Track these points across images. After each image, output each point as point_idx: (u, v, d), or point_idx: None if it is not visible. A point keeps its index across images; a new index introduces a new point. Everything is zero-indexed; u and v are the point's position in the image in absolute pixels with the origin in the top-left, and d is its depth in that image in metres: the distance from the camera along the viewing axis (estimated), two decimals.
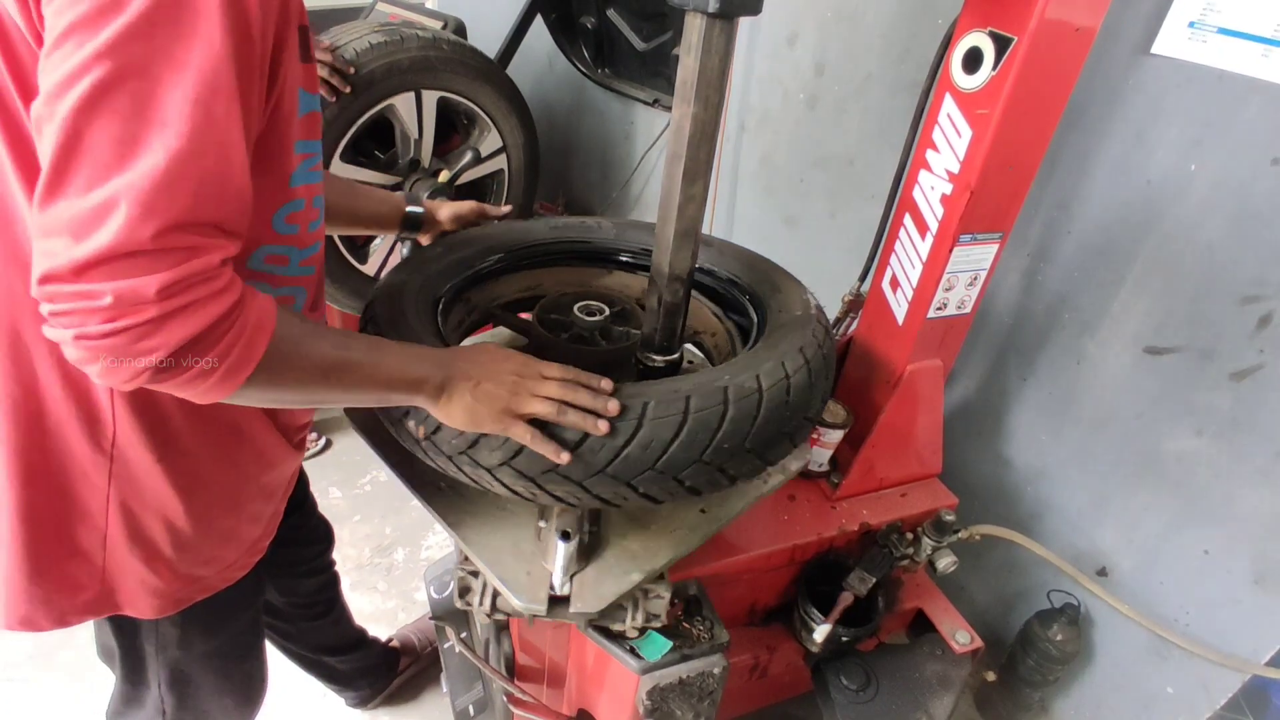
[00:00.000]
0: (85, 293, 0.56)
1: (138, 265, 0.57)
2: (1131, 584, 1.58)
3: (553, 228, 1.32)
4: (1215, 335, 1.36)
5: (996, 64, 1.13)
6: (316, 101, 0.80)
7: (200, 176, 0.59)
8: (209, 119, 0.58)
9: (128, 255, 0.57)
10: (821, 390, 0.96)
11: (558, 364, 0.86)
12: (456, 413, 0.81)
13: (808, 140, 2.08)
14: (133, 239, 0.56)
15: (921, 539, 1.43)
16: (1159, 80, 1.34)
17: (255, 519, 1.02)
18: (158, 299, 0.58)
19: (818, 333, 1.00)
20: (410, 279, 1.09)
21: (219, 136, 0.60)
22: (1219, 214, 1.31)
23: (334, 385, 0.74)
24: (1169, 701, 1.56)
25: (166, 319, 0.59)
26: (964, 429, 1.84)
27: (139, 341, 0.58)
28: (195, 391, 0.65)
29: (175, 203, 0.58)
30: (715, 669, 1.11)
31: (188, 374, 0.62)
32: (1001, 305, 1.69)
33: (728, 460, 0.85)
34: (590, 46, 2.68)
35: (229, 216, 0.63)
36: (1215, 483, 1.41)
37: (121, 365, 0.60)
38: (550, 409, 0.81)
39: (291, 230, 0.82)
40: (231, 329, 0.63)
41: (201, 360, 0.62)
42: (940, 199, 1.26)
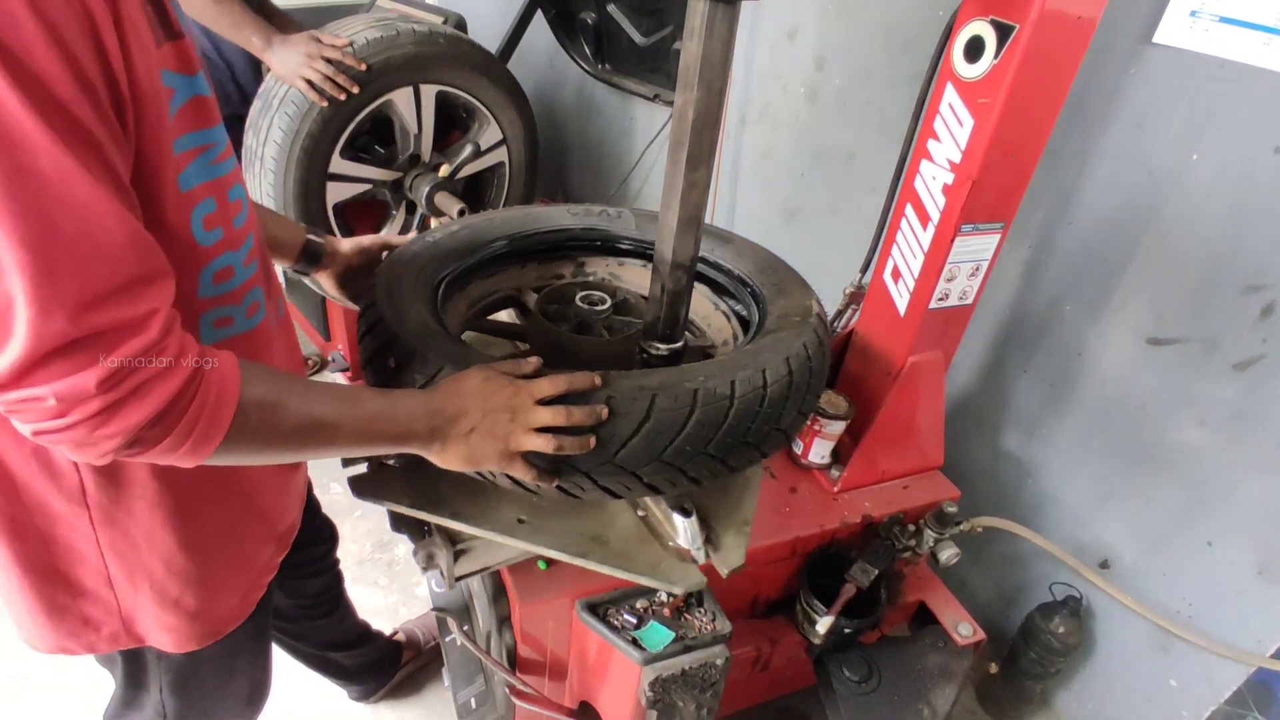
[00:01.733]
0: (28, 398, 0.55)
1: (71, 361, 0.55)
2: (1134, 576, 1.58)
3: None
4: (1218, 325, 1.35)
5: (998, 53, 1.12)
6: (199, 83, 0.70)
7: (70, 249, 0.53)
8: (40, 186, 0.51)
9: (55, 352, 0.54)
10: (797, 403, 0.95)
11: (548, 379, 0.83)
12: (453, 458, 0.81)
13: (808, 133, 2.08)
14: (45, 338, 0.53)
15: (923, 531, 1.43)
16: (1160, 69, 1.34)
17: (262, 541, 0.98)
18: (100, 392, 0.56)
19: (809, 342, 0.99)
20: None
21: (61, 196, 0.52)
22: (1221, 203, 1.31)
23: (313, 445, 0.72)
24: (1172, 694, 1.55)
25: (117, 407, 0.58)
26: (966, 421, 1.84)
27: (95, 431, 0.58)
28: (169, 460, 0.64)
29: (63, 287, 0.53)
30: (718, 660, 1.11)
31: (156, 449, 0.62)
32: (1003, 297, 1.69)
33: (688, 462, 0.87)
34: (590, 42, 2.67)
35: (134, 270, 0.58)
36: (1218, 474, 1.41)
37: (86, 450, 0.60)
38: (548, 445, 0.81)
39: (215, 236, 0.74)
40: (192, 403, 0.61)
41: (166, 438, 0.61)
42: (942, 189, 1.26)
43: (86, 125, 0.54)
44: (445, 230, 1.22)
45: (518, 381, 0.82)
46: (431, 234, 1.21)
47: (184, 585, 0.87)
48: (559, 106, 3.10)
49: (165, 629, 0.89)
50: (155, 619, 0.88)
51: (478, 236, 1.23)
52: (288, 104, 1.80)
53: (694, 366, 0.90)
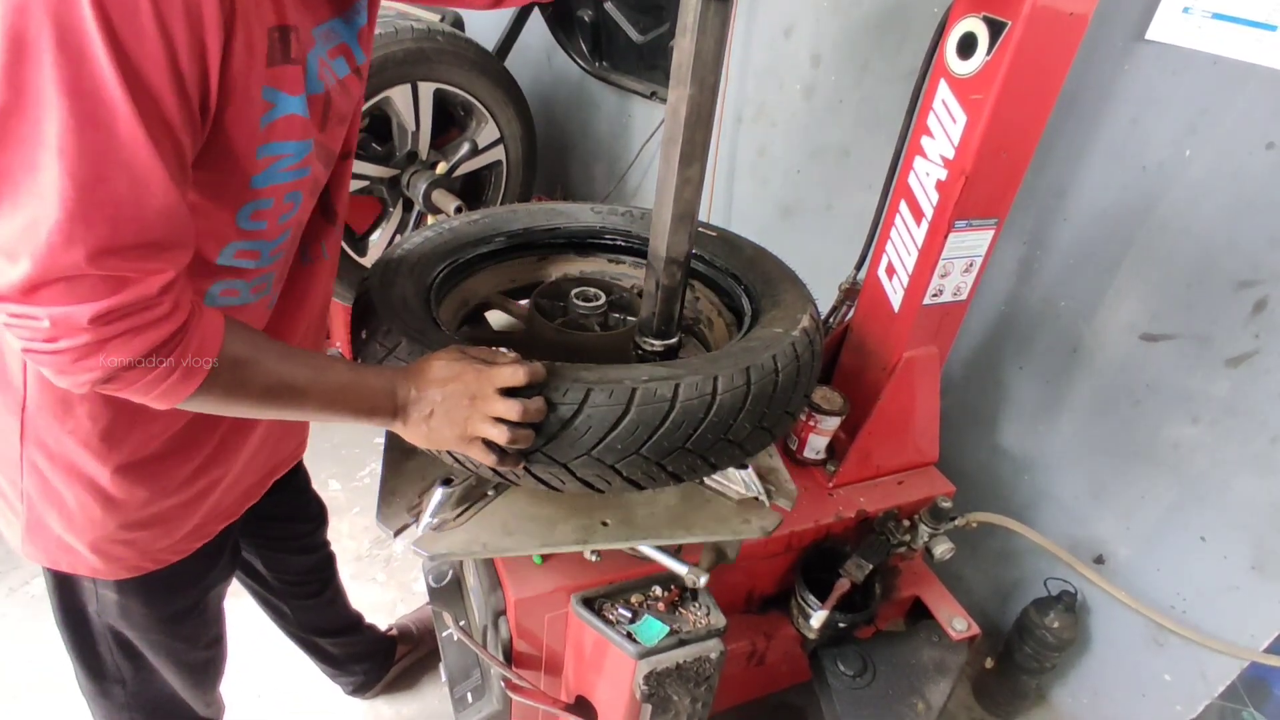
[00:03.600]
0: (27, 314, 0.61)
1: (74, 291, 0.60)
2: (1128, 571, 1.58)
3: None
4: (1211, 321, 1.36)
5: (990, 49, 1.13)
6: (298, 104, 0.77)
7: (114, 200, 0.60)
8: (109, 143, 0.58)
9: (62, 280, 0.60)
10: (753, 417, 0.92)
11: (509, 368, 0.83)
12: (415, 436, 0.85)
13: (804, 131, 2.08)
14: (59, 265, 0.59)
15: (918, 526, 1.44)
16: (1154, 66, 1.34)
17: (191, 505, 1.00)
18: (90, 326, 0.61)
19: (782, 354, 0.96)
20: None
21: (124, 158, 0.59)
22: (1214, 199, 1.31)
23: (280, 405, 0.77)
24: (1166, 689, 1.56)
25: (102, 344, 0.63)
26: (960, 417, 1.84)
27: (77, 361, 0.63)
28: (140, 400, 0.69)
29: (93, 229, 0.59)
30: (712, 654, 1.11)
31: (130, 389, 0.67)
32: (998, 293, 1.70)
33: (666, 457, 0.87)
34: (587, 40, 2.67)
35: (160, 235, 0.64)
36: (1212, 469, 1.41)
37: (64, 376, 0.65)
38: (503, 435, 0.82)
39: (258, 226, 0.81)
40: (171, 354, 0.67)
41: (140, 382, 0.67)
42: (935, 185, 1.26)
43: (167, 109, 0.61)
44: (465, 218, 1.28)
45: (482, 368, 0.83)
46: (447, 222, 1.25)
47: (91, 520, 0.92)
48: (557, 104, 3.10)
49: (64, 550, 0.95)
50: (57, 541, 0.93)
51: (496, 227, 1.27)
52: None
53: (641, 367, 0.89)
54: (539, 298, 1.17)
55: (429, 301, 1.09)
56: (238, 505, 1.10)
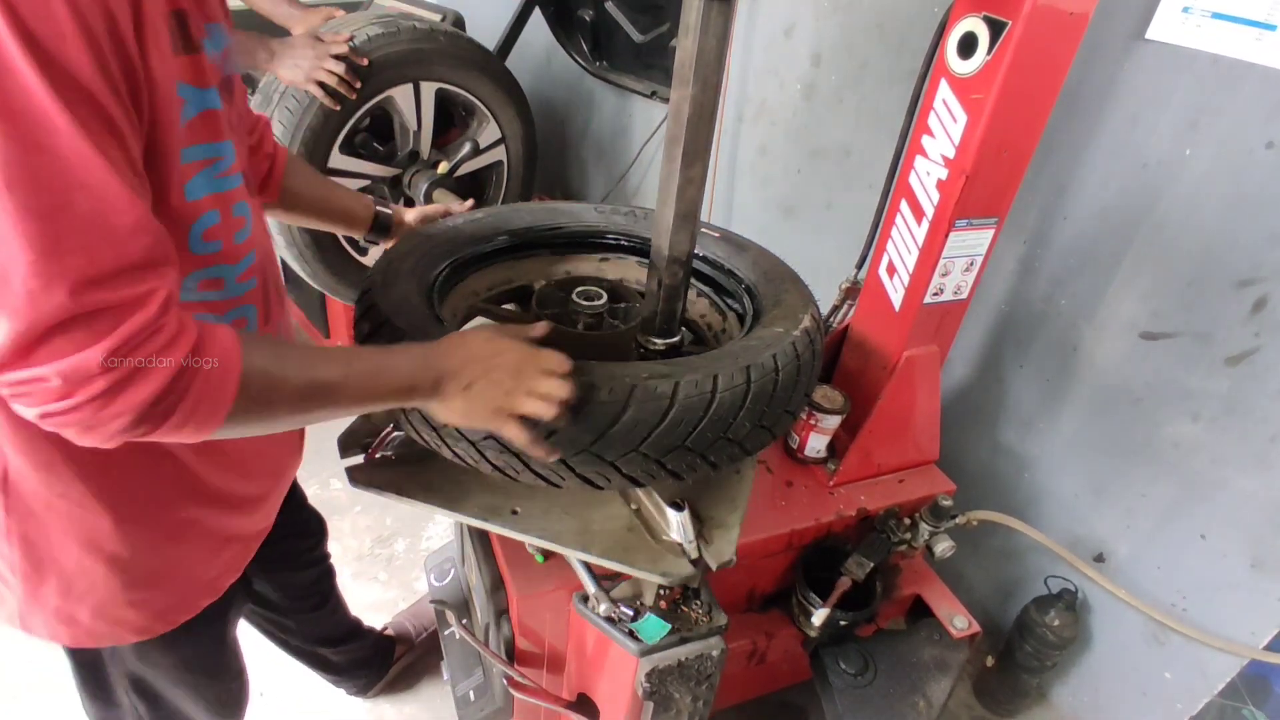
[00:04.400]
0: (32, 378, 0.55)
1: (73, 339, 0.55)
2: (1129, 569, 1.59)
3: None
4: (1211, 319, 1.36)
5: (991, 48, 1.13)
6: (212, 97, 0.71)
7: (80, 227, 0.54)
8: (57, 165, 0.53)
9: (56, 329, 0.54)
10: (753, 415, 0.92)
11: (558, 355, 0.82)
12: (450, 411, 0.80)
13: (805, 130, 2.08)
14: (46, 313, 0.53)
15: (919, 524, 1.44)
16: (1154, 65, 1.35)
17: (213, 548, 0.94)
18: (103, 370, 0.56)
19: (783, 354, 0.97)
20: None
21: (78, 178, 0.54)
22: (1214, 198, 1.32)
23: (318, 407, 0.72)
24: (1167, 686, 1.56)
25: (121, 386, 0.57)
26: (961, 415, 1.85)
27: (100, 412, 0.58)
28: (178, 438, 0.64)
29: (68, 263, 0.54)
30: (714, 651, 1.11)
31: (164, 427, 0.61)
32: (998, 291, 1.70)
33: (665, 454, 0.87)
34: (588, 39, 2.68)
35: (139, 254, 0.58)
36: (1212, 467, 1.41)
37: (93, 433, 0.59)
38: (547, 411, 0.80)
39: (212, 248, 0.75)
40: (195, 380, 0.61)
41: (172, 415, 0.61)
42: (936, 184, 1.27)
43: (108, 112, 0.56)
44: (468, 217, 1.28)
45: (525, 346, 0.82)
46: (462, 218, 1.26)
47: (90, 589, 0.84)
48: (557, 103, 3.10)
49: (66, 622, 0.87)
50: (56, 612, 0.85)
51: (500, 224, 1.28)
52: (288, 99, 1.80)
53: (641, 364, 0.89)
54: (541, 297, 1.17)
55: (431, 300, 1.09)
56: (245, 552, 1.03)
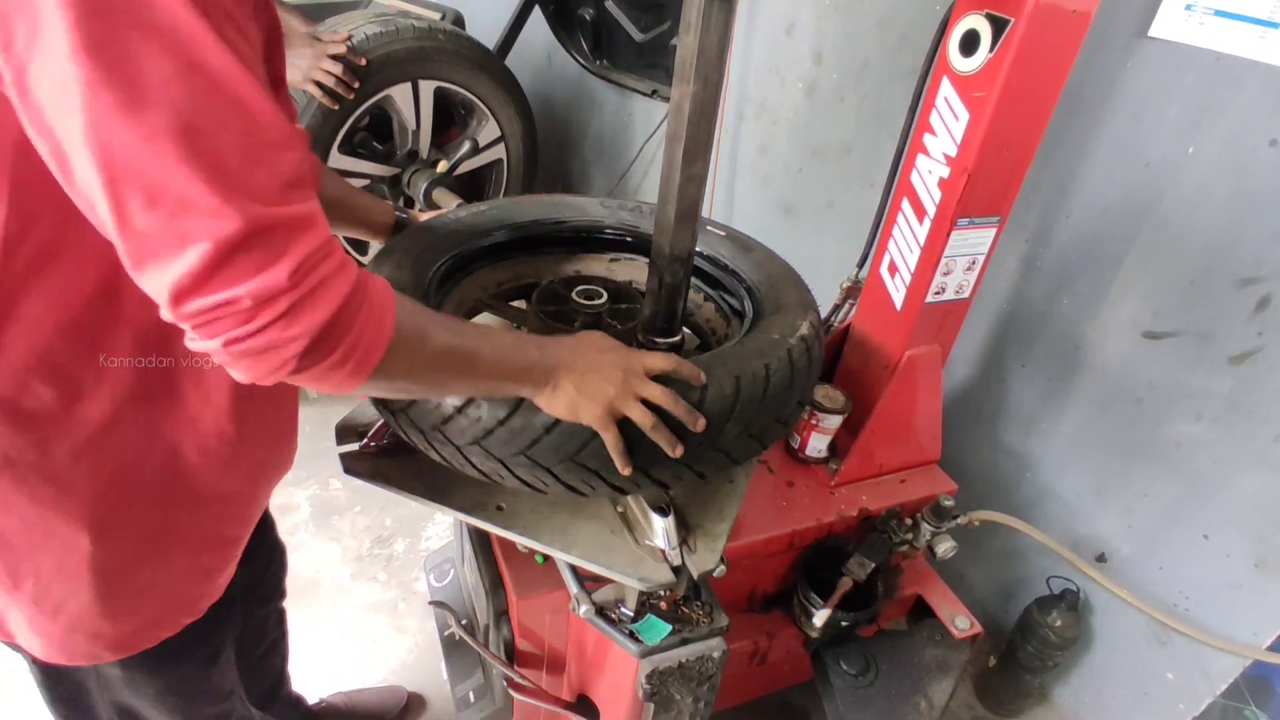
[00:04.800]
0: (223, 301, 0.54)
1: (256, 257, 0.54)
2: (1131, 569, 1.58)
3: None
4: (1213, 318, 1.36)
5: (993, 46, 1.12)
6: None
7: (240, 144, 0.54)
8: (211, 83, 0.52)
9: (239, 248, 0.53)
10: (740, 424, 0.91)
11: (661, 356, 0.83)
12: (559, 403, 0.80)
13: (806, 129, 2.08)
14: (228, 232, 0.52)
15: (920, 525, 1.43)
16: (1156, 63, 1.34)
17: (173, 576, 0.86)
18: (290, 286, 0.55)
19: (775, 362, 0.96)
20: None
21: (232, 93, 0.53)
22: (1217, 196, 1.31)
23: (453, 372, 0.72)
24: (1169, 687, 1.56)
25: (302, 305, 0.56)
26: (963, 415, 1.84)
27: (284, 333, 0.56)
28: (329, 381, 0.62)
29: (237, 179, 0.53)
30: (715, 653, 1.11)
31: (325, 362, 0.60)
32: (1000, 290, 1.69)
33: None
34: (588, 38, 2.67)
35: (294, 166, 0.57)
36: (1214, 467, 1.41)
37: (266, 358, 0.58)
38: (647, 419, 0.81)
39: None
40: (360, 311, 0.61)
41: (338, 348, 0.60)
42: (938, 183, 1.26)
43: (246, 31, 0.56)
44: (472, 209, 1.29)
45: (632, 350, 0.84)
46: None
47: (65, 597, 0.78)
48: (558, 102, 3.10)
49: (38, 634, 0.81)
50: (28, 620, 0.79)
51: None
52: None
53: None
54: (541, 294, 1.17)
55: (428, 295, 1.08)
56: (224, 563, 0.95)
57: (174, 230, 0.52)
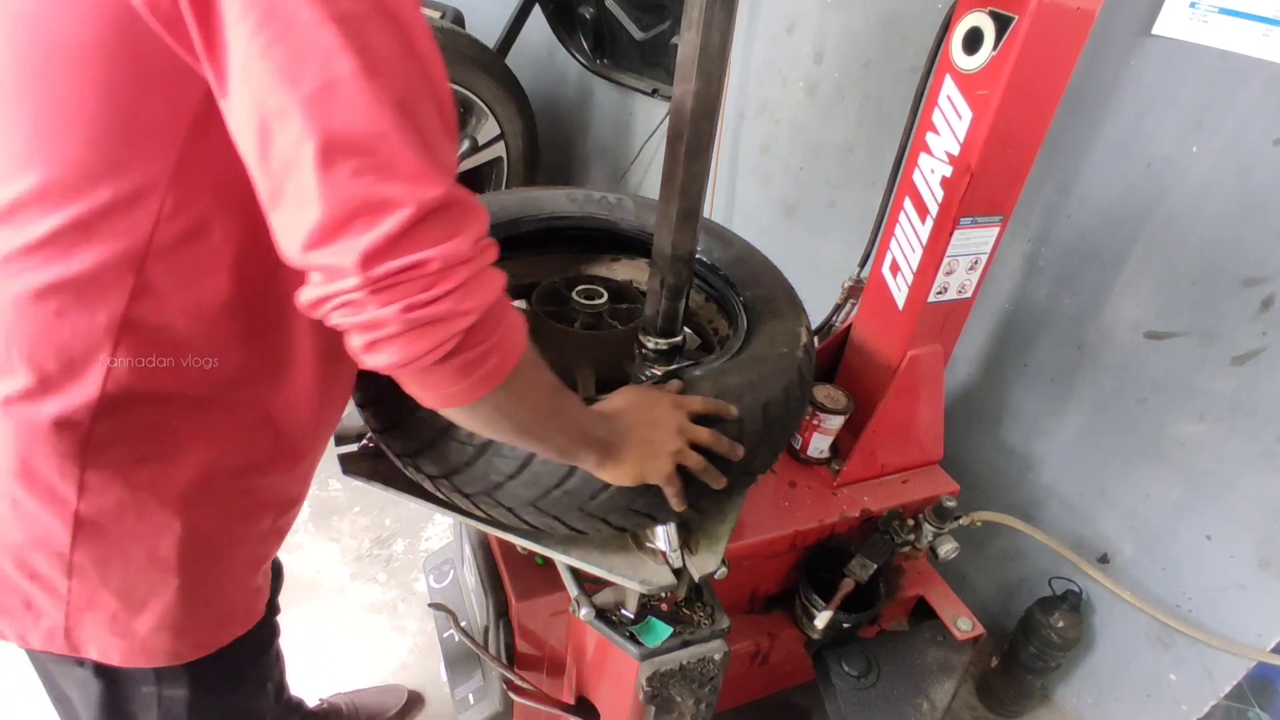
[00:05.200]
0: (415, 263, 0.54)
1: (446, 224, 0.55)
2: (1133, 570, 1.57)
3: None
4: (1217, 318, 1.35)
5: (997, 44, 1.12)
6: None
7: (434, 124, 0.56)
8: (420, 65, 0.55)
9: (432, 215, 0.54)
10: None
11: (699, 400, 0.86)
12: (625, 474, 0.81)
13: (807, 128, 2.07)
14: (427, 197, 0.54)
15: (923, 525, 1.43)
16: (1160, 61, 1.33)
17: (242, 577, 0.85)
18: (473, 254, 0.57)
19: (791, 380, 0.98)
20: None
21: (434, 75, 0.57)
22: (1220, 196, 1.30)
23: (551, 414, 0.71)
24: (1172, 688, 1.55)
25: (477, 278, 0.57)
26: (965, 416, 1.83)
27: (460, 304, 0.56)
28: (471, 378, 0.61)
29: (434, 152, 0.55)
30: (716, 655, 1.10)
31: (478, 349, 0.60)
32: (1002, 290, 1.69)
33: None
34: (589, 37, 2.67)
35: (453, 155, 0.60)
36: (1218, 467, 1.40)
37: (434, 331, 0.57)
38: (700, 463, 0.84)
39: None
40: (504, 315, 0.62)
41: (485, 342, 0.60)
42: (940, 182, 1.25)
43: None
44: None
45: (671, 395, 0.85)
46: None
47: (162, 589, 0.75)
48: (559, 101, 3.09)
49: (118, 634, 0.76)
50: (109, 621, 0.75)
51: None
52: None
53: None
54: (541, 294, 1.16)
55: None
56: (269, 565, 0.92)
57: (379, 193, 0.53)
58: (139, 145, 0.58)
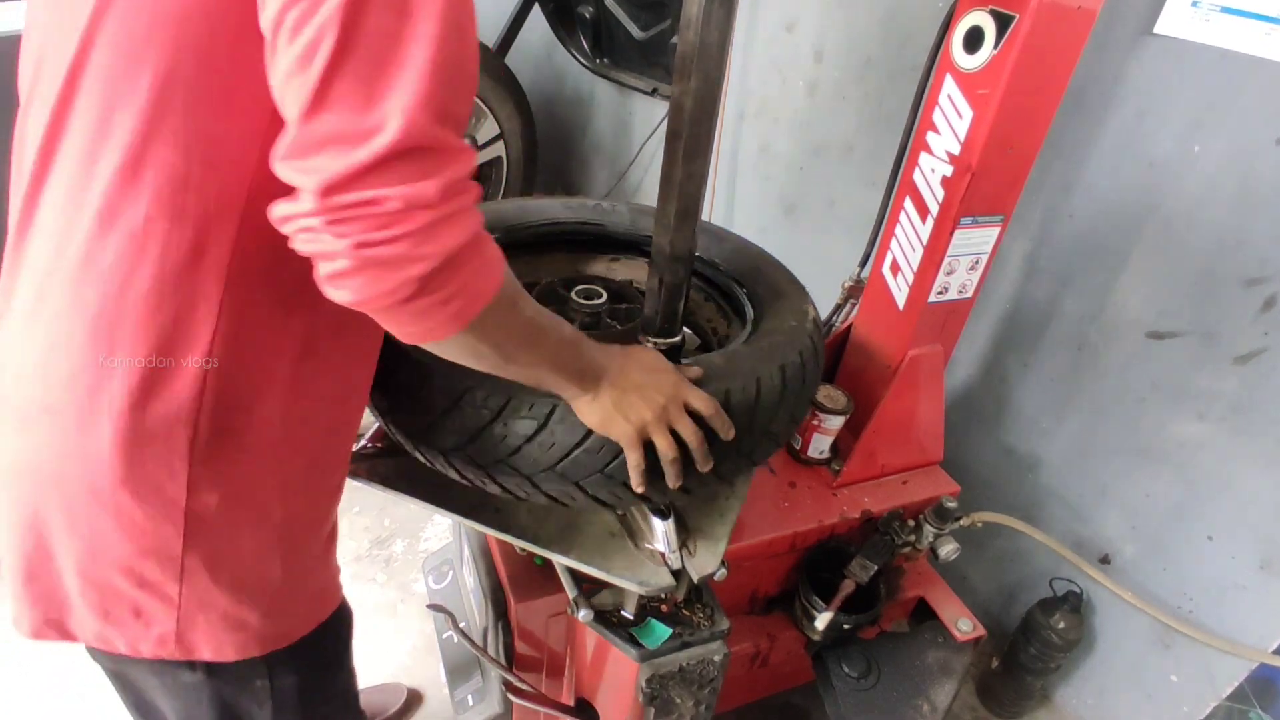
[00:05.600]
0: (371, 199, 0.53)
1: (417, 166, 0.54)
2: (1134, 571, 1.57)
3: None
4: (1218, 318, 1.34)
5: (998, 43, 1.11)
6: None
7: (457, 66, 0.56)
8: (460, 13, 0.56)
9: (408, 153, 0.53)
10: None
11: (705, 399, 0.83)
12: (593, 414, 0.79)
13: (807, 127, 2.06)
14: (416, 132, 0.53)
15: (923, 526, 1.42)
16: (1162, 60, 1.33)
17: (329, 558, 0.87)
18: (439, 200, 0.55)
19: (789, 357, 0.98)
20: None
21: (465, 26, 0.57)
22: (1222, 195, 1.30)
23: (526, 350, 0.70)
24: (1173, 690, 1.55)
25: (441, 224, 0.56)
26: (966, 416, 1.83)
27: (417, 248, 0.55)
28: (433, 320, 0.60)
29: (445, 93, 0.55)
30: (716, 656, 1.10)
31: (438, 294, 0.58)
32: (1003, 290, 1.68)
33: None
34: (588, 36, 2.66)
35: (468, 105, 0.60)
36: (1219, 467, 1.40)
37: (389, 273, 0.55)
38: (672, 450, 0.81)
39: None
40: (478, 253, 0.60)
41: (452, 282, 0.58)
42: (940, 181, 1.25)
43: None
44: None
45: (681, 380, 0.83)
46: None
47: (265, 577, 0.76)
48: (559, 100, 3.08)
49: (233, 627, 0.76)
50: (223, 615, 0.74)
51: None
52: None
53: None
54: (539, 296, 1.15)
55: None
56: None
57: (371, 121, 0.52)
58: (237, 115, 0.60)
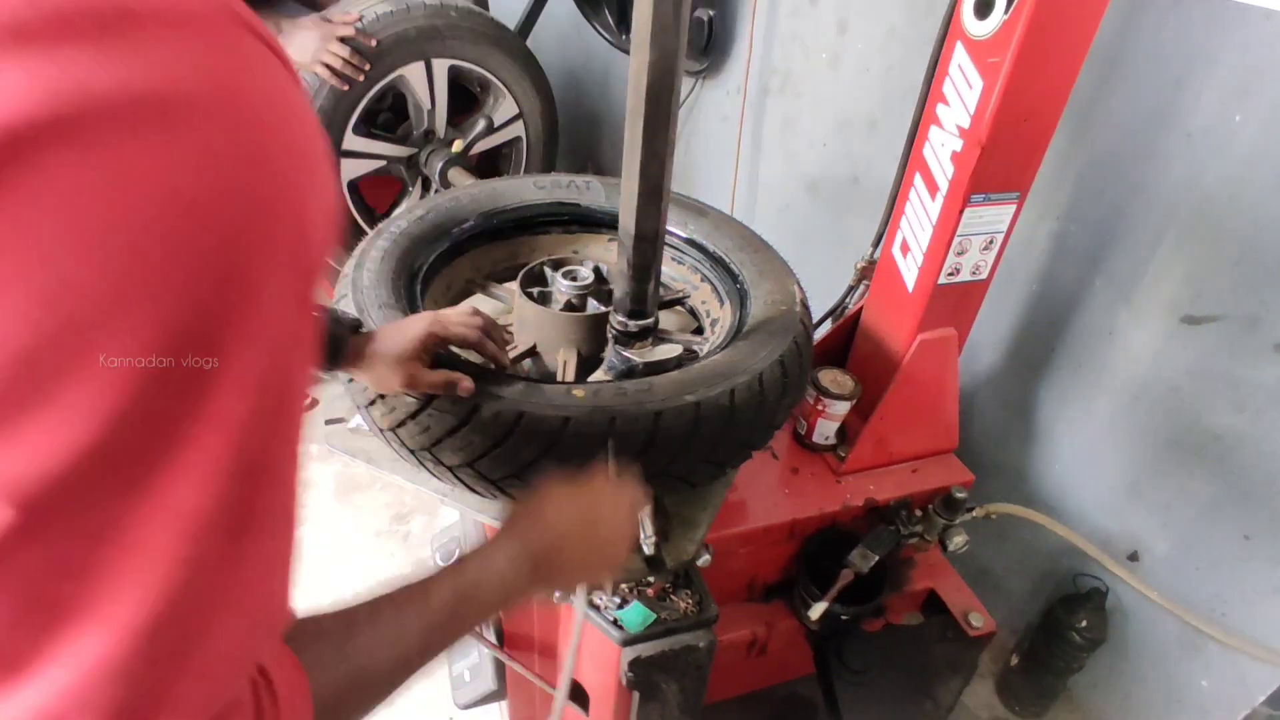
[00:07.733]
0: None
1: None
2: (1164, 570, 1.49)
3: None
4: (1260, 302, 1.25)
5: (1009, 7, 1.04)
6: None
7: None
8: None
9: None
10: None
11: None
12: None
13: (830, 101, 1.99)
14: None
15: (932, 517, 1.37)
16: (1201, 22, 1.22)
17: None
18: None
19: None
20: None
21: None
22: (1266, 168, 1.20)
23: (408, 675, 0.60)
24: (1203, 695, 1.47)
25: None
26: (987, 402, 1.75)
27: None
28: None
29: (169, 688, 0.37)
30: (700, 643, 1.08)
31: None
32: (1028, 271, 1.60)
33: None
34: (613, 12, 2.61)
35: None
36: (1258, 462, 1.30)
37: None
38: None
39: None
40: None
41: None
42: (950, 156, 1.19)
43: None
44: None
45: (620, 516, 0.79)
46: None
47: None
48: (586, 78, 3.05)
49: None
50: None
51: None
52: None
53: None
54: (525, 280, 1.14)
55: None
56: None
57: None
58: None
